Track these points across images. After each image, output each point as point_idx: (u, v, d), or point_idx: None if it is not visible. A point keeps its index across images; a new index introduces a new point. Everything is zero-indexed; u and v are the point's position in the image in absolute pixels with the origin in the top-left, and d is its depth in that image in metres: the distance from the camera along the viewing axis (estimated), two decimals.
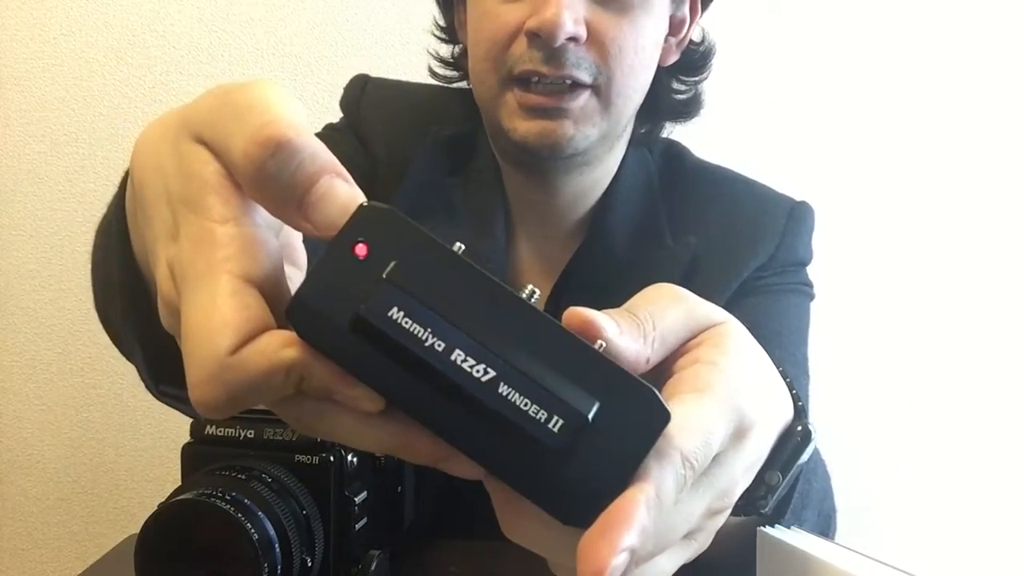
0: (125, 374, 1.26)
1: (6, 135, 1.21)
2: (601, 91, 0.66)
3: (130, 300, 0.40)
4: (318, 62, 1.22)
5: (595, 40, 0.65)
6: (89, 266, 0.53)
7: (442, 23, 0.79)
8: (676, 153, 0.83)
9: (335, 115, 1.22)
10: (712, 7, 0.77)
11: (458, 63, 0.80)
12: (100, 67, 1.21)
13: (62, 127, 1.22)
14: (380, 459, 0.55)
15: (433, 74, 0.82)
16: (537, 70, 0.64)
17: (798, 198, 0.82)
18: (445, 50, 0.81)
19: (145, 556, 0.47)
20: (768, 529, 0.45)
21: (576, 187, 0.75)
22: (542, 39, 0.62)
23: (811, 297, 0.83)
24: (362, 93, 0.84)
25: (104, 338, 0.52)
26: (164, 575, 0.46)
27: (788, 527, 0.45)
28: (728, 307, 0.32)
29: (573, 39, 0.63)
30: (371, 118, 0.82)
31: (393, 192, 0.77)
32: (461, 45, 0.79)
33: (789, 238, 0.79)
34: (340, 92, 1.23)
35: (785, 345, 0.76)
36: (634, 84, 0.69)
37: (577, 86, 0.65)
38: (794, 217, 0.80)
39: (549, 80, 0.64)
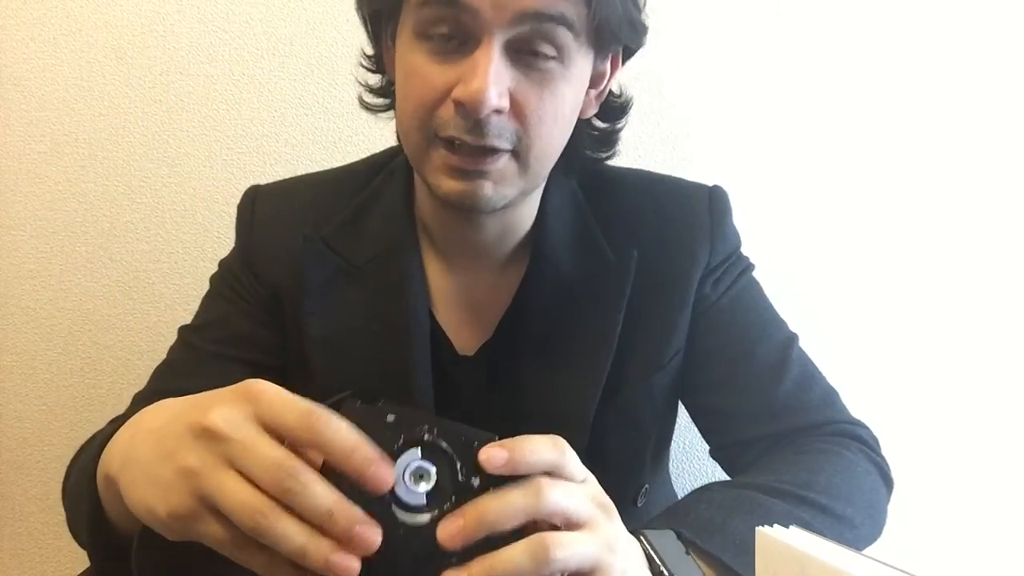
0: (125, 374, 1.26)
1: (6, 135, 1.22)
2: (520, 156, 0.69)
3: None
4: (318, 62, 1.22)
5: (517, 110, 0.67)
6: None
7: (370, 53, 0.80)
8: (593, 168, 0.85)
9: (335, 115, 1.23)
10: (712, 7, 0.77)
11: (386, 91, 0.81)
12: (100, 67, 1.21)
13: (62, 127, 1.22)
14: None
15: (363, 104, 0.83)
16: (461, 137, 0.66)
17: (709, 183, 0.86)
18: (374, 79, 0.82)
19: (145, 555, 0.47)
20: (768, 529, 0.45)
21: (501, 225, 0.80)
22: (467, 109, 0.64)
23: (753, 268, 0.88)
24: (252, 214, 0.86)
25: (104, 338, 0.52)
26: (164, 574, 0.46)
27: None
28: (702, 331, 0.33)
29: (497, 111, 0.65)
30: (264, 239, 0.85)
31: (300, 306, 0.80)
32: (387, 77, 0.79)
33: (719, 231, 0.84)
34: (340, 92, 1.23)
35: (769, 328, 0.84)
36: (552, 147, 0.72)
37: (497, 150, 0.68)
38: (715, 209, 0.84)
39: (471, 145, 0.67)
